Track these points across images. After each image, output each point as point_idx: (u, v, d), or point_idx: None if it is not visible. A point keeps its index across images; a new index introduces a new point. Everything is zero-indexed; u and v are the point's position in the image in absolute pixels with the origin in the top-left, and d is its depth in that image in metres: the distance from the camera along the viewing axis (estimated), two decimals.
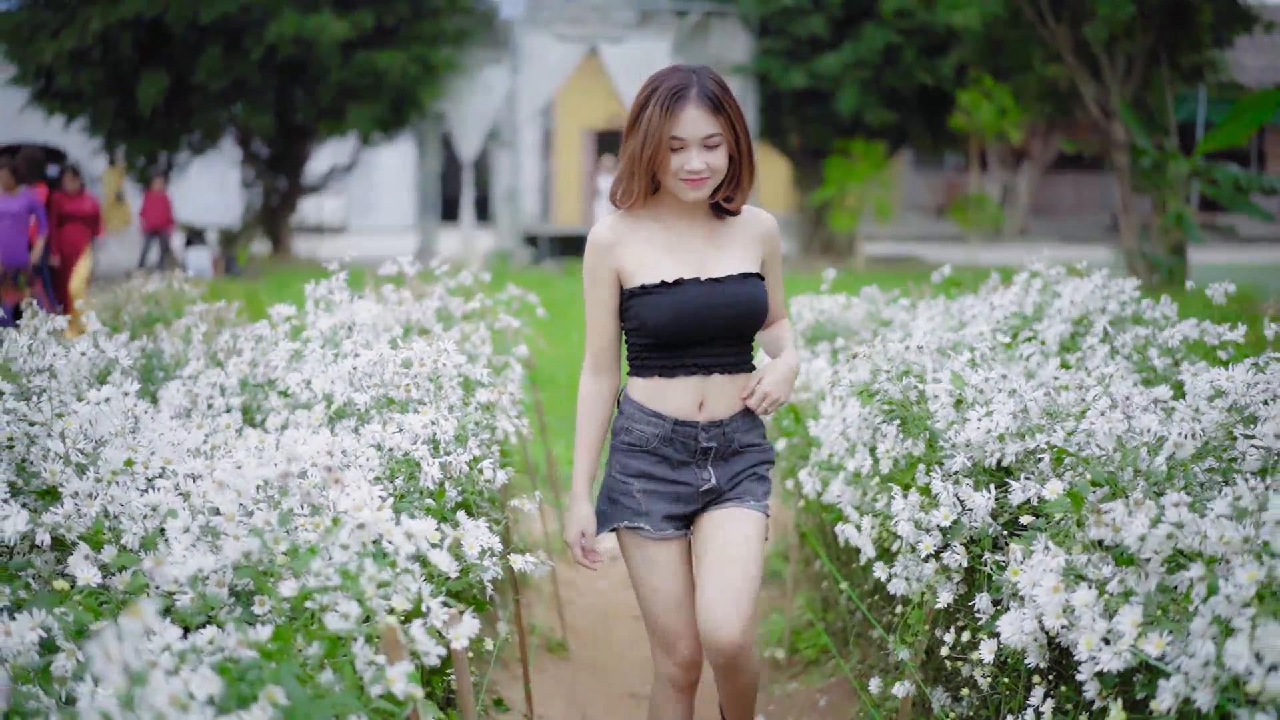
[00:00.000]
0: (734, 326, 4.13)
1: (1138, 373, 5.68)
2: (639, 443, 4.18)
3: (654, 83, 4.01)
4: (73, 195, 15.78)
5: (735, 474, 4.22)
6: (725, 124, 4.02)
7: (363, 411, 4.54)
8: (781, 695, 6.06)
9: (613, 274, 4.16)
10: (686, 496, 4.20)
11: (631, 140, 4.02)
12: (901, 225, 40.77)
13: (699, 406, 4.15)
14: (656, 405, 4.16)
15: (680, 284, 4.09)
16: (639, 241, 4.15)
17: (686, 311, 4.07)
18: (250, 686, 2.66)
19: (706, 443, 4.17)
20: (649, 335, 4.13)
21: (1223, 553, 3.13)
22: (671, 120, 3.95)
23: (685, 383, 4.14)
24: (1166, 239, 22.22)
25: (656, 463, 4.18)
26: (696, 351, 4.13)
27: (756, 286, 4.17)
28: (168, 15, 26.14)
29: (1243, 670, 2.58)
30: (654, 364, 4.16)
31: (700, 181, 4.04)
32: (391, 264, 6.63)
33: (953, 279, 7.60)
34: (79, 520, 3.53)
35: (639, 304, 4.11)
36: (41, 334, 5.48)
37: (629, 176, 4.08)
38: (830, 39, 29.84)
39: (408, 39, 28.13)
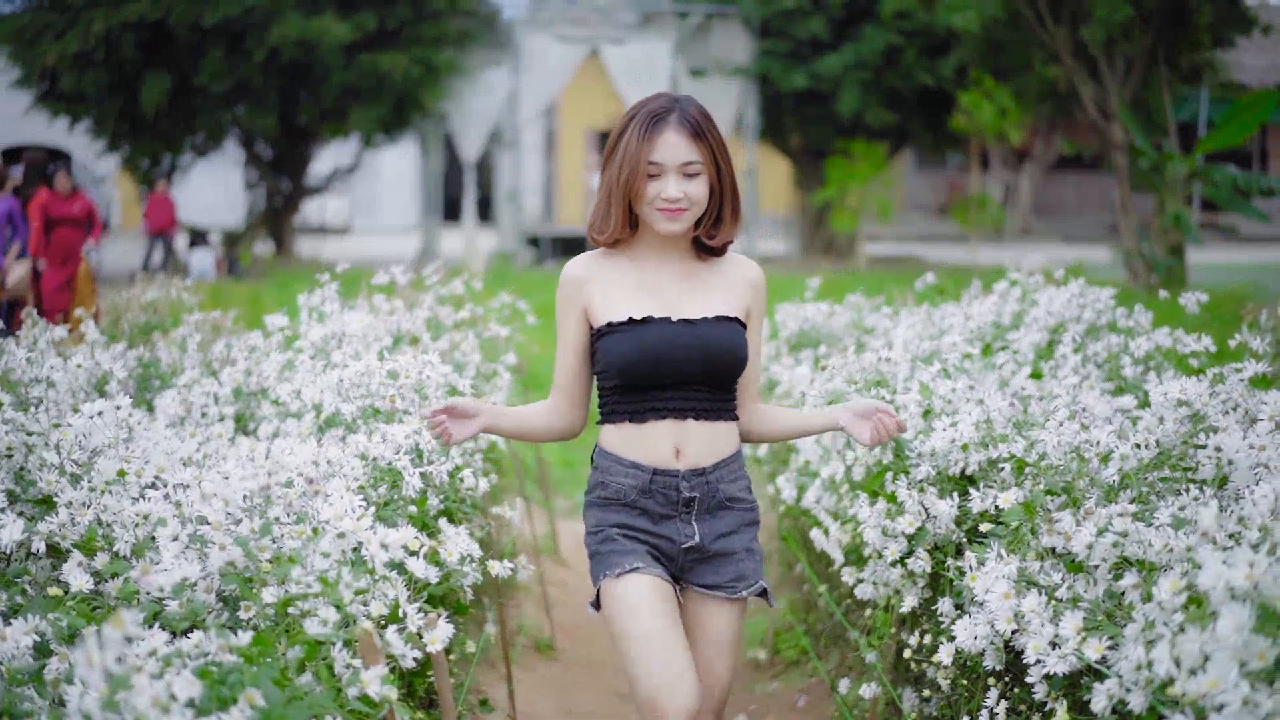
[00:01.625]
0: (707, 372, 3.81)
1: (1109, 381, 5.83)
2: (616, 496, 3.85)
3: (634, 109, 3.81)
4: (64, 197, 15.42)
5: (720, 535, 3.85)
6: (706, 153, 3.77)
7: (350, 422, 4.69)
8: (763, 694, 6.21)
9: (581, 312, 3.90)
10: (669, 553, 3.84)
11: (609, 167, 3.80)
12: (904, 225, 40.88)
13: (676, 454, 3.82)
14: (633, 454, 3.83)
15: (647, 322, 3.80)
16: (610, 279, 3.88)
17: (650, 350, 3.77)
18: (230, 689, 2.81)
19: (689, 492, 3.82)
20: (614, 377, 3.82)
21: (1166, 560, 3.29)
22: (649, 145, 3.74)
23: (658, 428, 3.82)
24: (1165, 239, 22.35)
25: (636, 516, 3.84)
26: (667, 395, 3.81)
27: (734, 332, 3.86)
28: (170, 17, 26.32)
29: (1163, 674, 2.72)
30: (622, 408, 3.85)
31: (677, 212, 3.77)
32: (384, 273, 6.77)
33: (937, 286, 7.73)
34: (73, 529, 3.67)
35: (604, 344, 3.84)
36: (41, 344, 5.63)
37: (605, 206, 3.83)
38: (831, 40, 29.99)
39: (410, 41, 28.29)
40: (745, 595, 3.89)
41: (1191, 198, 28.89)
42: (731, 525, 3.88)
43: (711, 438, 3.87)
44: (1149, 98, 23.05)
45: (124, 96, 27.36)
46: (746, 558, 3.90)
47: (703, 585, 3.86)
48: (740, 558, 3.88)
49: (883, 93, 29.88)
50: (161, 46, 27.09)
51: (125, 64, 26.85)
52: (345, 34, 26.82)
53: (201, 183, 36.05)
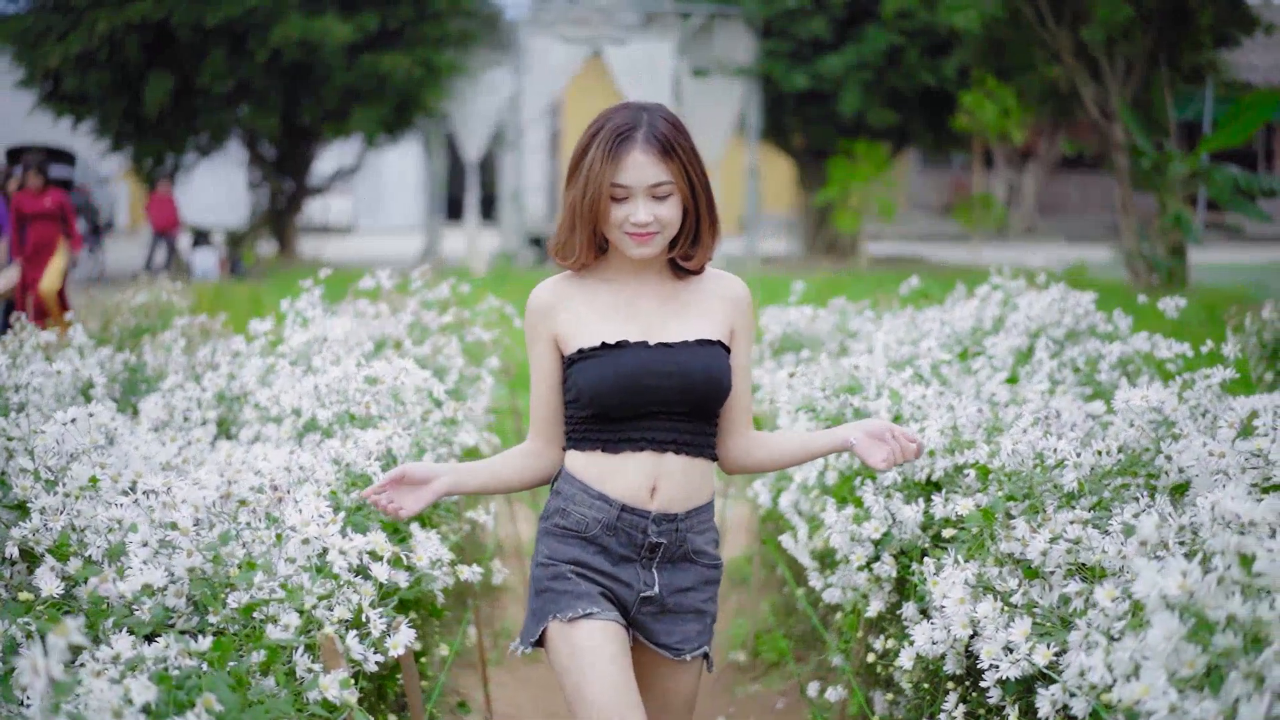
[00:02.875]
0: (686, 399, 3.52)
1: (1085, 386, 5.88)
2: (577, 528, 3.55)
3: (598, 122, 3.51)
4: (35, 194, 15.16)
5: (678, 590, 3.59)
6: (678, 170, 3.46)
7: (326, 427, 4.75)
8: (743, 697, 6.27)
9: (551, 340, 3.60)
10: (623, 599, 3.56)
11: (572, 187, 3.50)
12: (908, 224, 40.90)
13: (651, 492, 3.53)
14: (602, 485, 3.53)
15: (622, 346, 3.51)
16: (581, 303, 3.58)
17: (625, 376, 3.48)
18: (188, 694, 2.88)
19: (656, 537, 3.54)
20: (587, 405, 3.52)
21: (1120, 567, 3.35)
22: (614, 166, 3.43)
23: (634, 461, 3.52)
24: (1166, 239, 22.37)
25: (594, 553, 3.55)
26: (644, 425, 3.52)
27: (716, 356, 3.56)
28: (173, 18, 26.40)
29: (1097, 680, 2.78)
30: (595, 437, 3.55)
31: (647, 237, 3.48)
32: (369, 277, 6.83)
33: (921, 289, 7.78)
34: (46, 534, 3.72)
35: (576, 371, 3.54)
36: (26, 348, 5.70)
37: (569, 230, 3.53)
38: (833, 40, 30.03)
39: (412, 41, 28.36)
40: (689, 658, 3.62)
41: (1196, 198, 28.92)
42: (692, 581, 3.62)
43: (689, 478, 3.57)
44: (1151, 98, 23.08)
45: (127, 97, 27.45)
46: (695, 620, 3.63)
47: (652, 643, 3.60)
48: (689, 620, 3.62)
49: (885, 93, 29.92)
50: (164, 47, 27.16)
51: (128, 65, 26.92)
52: (347, 34, 26.89)
53: (205, 183, 36.16)
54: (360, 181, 41.53)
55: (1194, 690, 2.60)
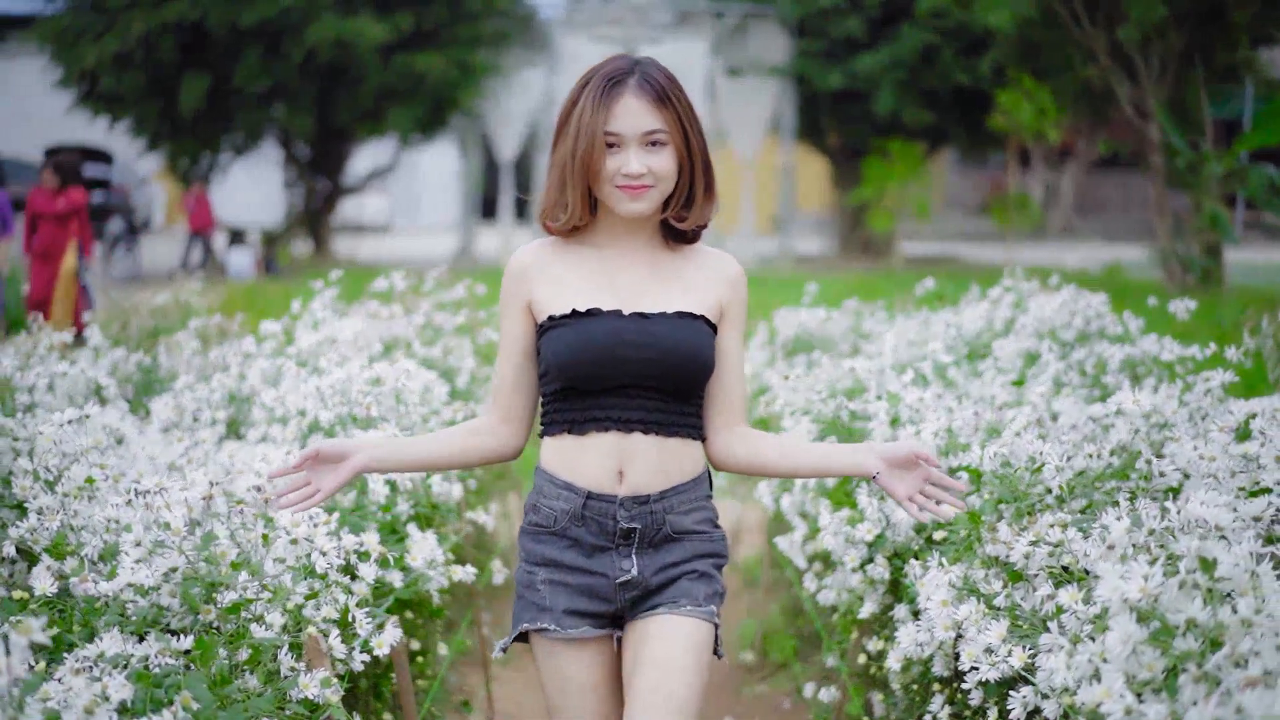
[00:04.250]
0: (660, 374, 3.28)
1: (1093, 389, 5.88)
2: (546, 522, 3.34)
3: (589, 73, 3.31)
4: (50, 194, 14.76)
5: (666, 566, 3.34)
6: (672, 120, 3.25)
7: (328, 428, 4.80)
8: (750, 697, 6.29)
9: (524, 307, 3.37)
10: (602, 591, 3.33)
11: (561, 143, 3.30)
12: (945, 223, 40.82)
13: (618, 476, 3.30)
14: (568, 474, 3.32)
15: (594, 314, 3.28)
16: (561, 269, 3.36)
17: (592, 345, 3.25)
18: (167, 692, 2.93)
19: (627, 523, 3.30)
20: (555, 379, 3.31)
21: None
22: (605, 113, 3.22)
23: (599, 442, 3.29)
24: (1201, 239, 22.27)
25: (566, 547, 3.33)
26: (610, 402, 3.29)
27: (697, 332, 3.32)
28: (208, 19, 26.55)
29: (1060, 684, 2.80)
30: (562, 417, 3.34)
31: (640, 189, 3.25)
32: (383, 279, 6.89)
33: (936, 292, 7.79)
34: (44, 533, 3.78)
35: (545, 340, 3.31)
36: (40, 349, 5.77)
37: (558, 188, 3.30)
38: (867, 39, 30.01)
39: (446, 42, 28.45)
40: (689, 612, 3.32)
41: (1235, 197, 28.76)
42: (681, 556, 3.36)
43: (662, 457, 3.32)
44: (1187, 97, 22.97)
45: (163, 97, 27.62)
46: (695, 582, 3.36)
47: (646, 609, 3.34)
48: (687, 578, 3.35)
49: (920, 92, 29.87)
50: (200, 48, 27.32)
51: (164, 65, 27.09)
52: (382, 35, 26.99)
53: (241, 182, 36.33)
54: (397, 181, 41.68)
55: (1153, 694, 2.62)
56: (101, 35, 26.91)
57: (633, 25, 30.08)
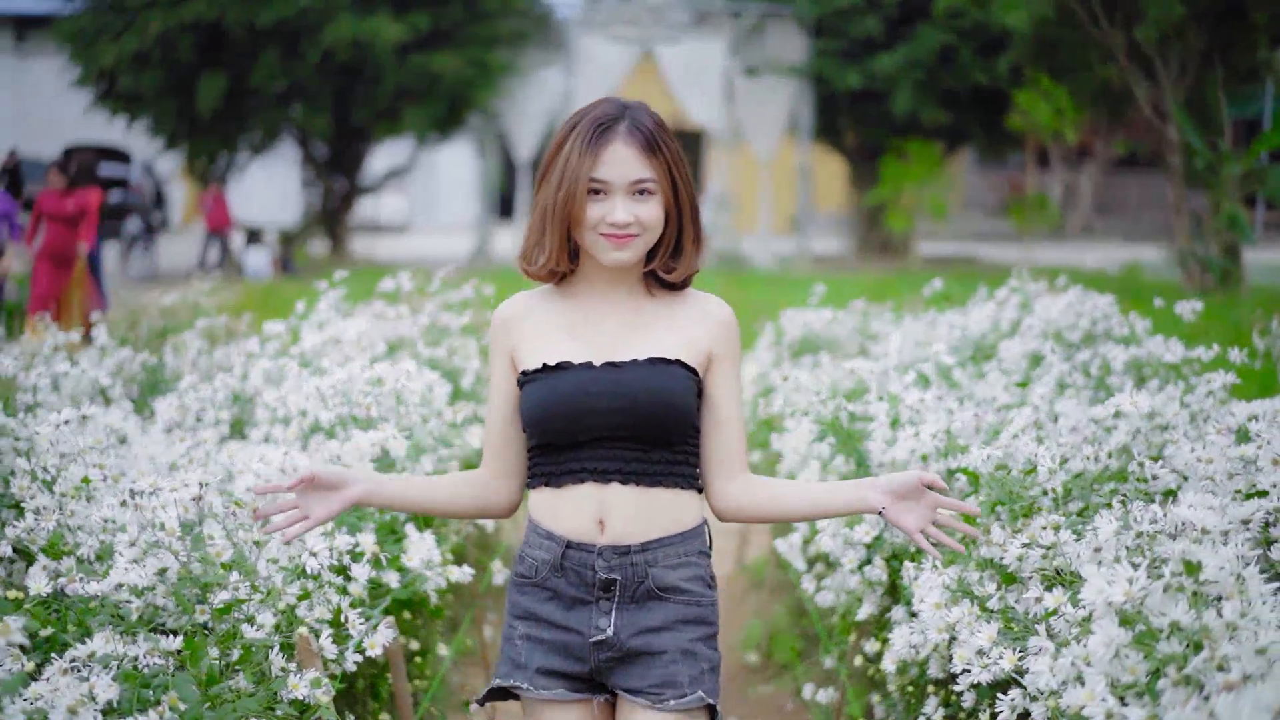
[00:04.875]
0: (634, 423, 3.15)
1: (1099, 390, 5.86)
2: (528, 573, 3.23)
3: (577, 116, 3.21)
4: (57, 195, 14.48)
5: (645, 631, 3.16)
6: (661, 169, 3.15)
7: (329, 429, 4.81)
8: (754, 698, 6.29)
9: (508, 359, 3.28)
10: (576, 650, 3.18)
11: (545, 186, 3.18)
12: (964, 223, 40.74)
13: (599, 526, 3.17)
14: (549, 523, 3.21)
15: (563, 368, 3.18)
16: (541, 320, 3.26)
17: (559, 400, 3.15)
18: (155, 692, 2.94)
19: (605, 573, 3.16)
20: (531, 434, 3.23)
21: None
22: (592, 159, 3.11)
23: (576, 494, 3.17)
24: (1220, 240, 22.20)
25: (546, 599, 3.21)
26: (585, 454, 3.17)
27: (671, 376, 3.18)
28: (226, 19, 26.62)
29: (1043, 686, 2.80)
30: (543, 471, 3.22)
31: (625, 239, 3.14)
32: (389, 280, 6.90)
33: (944, 293, 7.78)
34: (41, 533, 3.79)
35: (522, 397, 3.23)
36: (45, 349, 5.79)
37: (539, 232, 3.19)
38: (885, 39, 29.96)
39: (463, 41, 28.47)
40: (675, 706, 3.14)
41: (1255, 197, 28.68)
42: (663, 620, 3.17)
43: (644, 508, 3.17)
44: (1206, 97, 22.90)
45: (180, 97, 27.69)
46: (681, 660, 3.17)
47: (626, 689, 3.18)
48: (670, 659, 3.16)
49: (937, 92, 29.81)
50: (217, 47, 27.38)
51: (182, 65, 27.15)
52: (399, 35, 27.03)
53: (259, 182, 36.44)
54: (414, 180, 41.74)
55: (1135, 697, 2.62)
56: (120, 35, 27.00)
57: (650, 25, 30.07)
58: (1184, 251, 22.56)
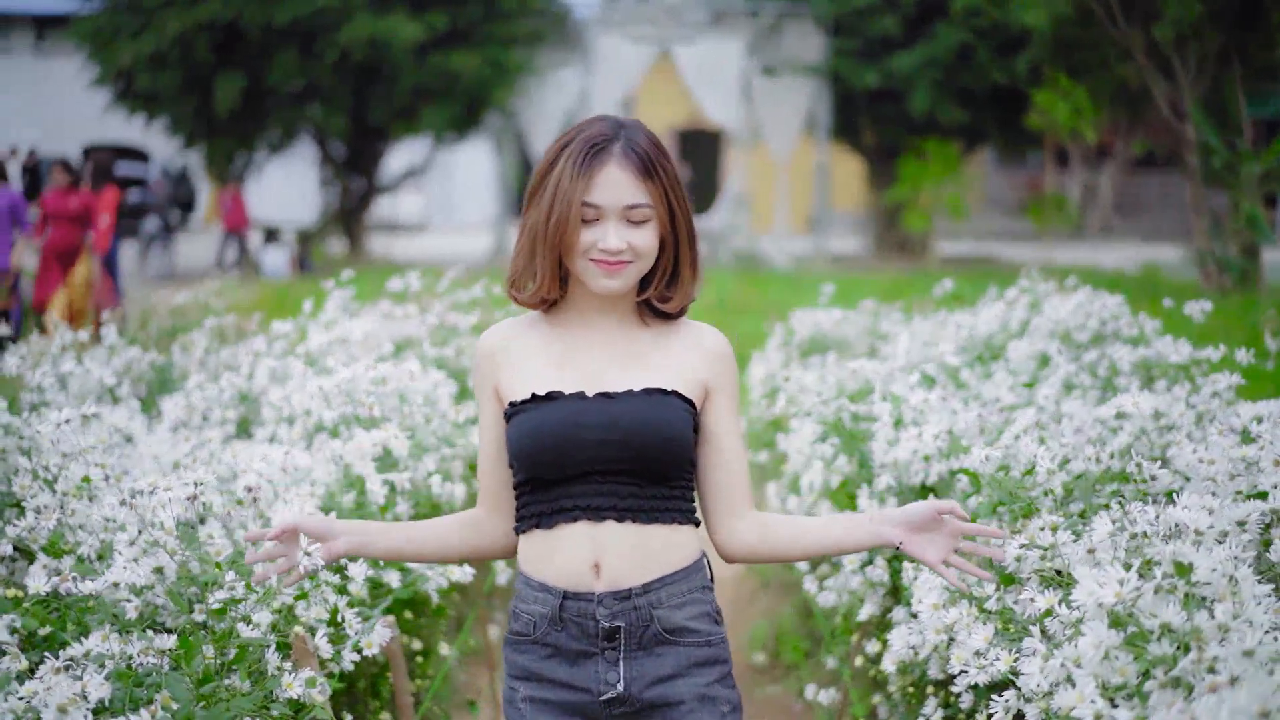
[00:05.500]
0: (628, 457, 2.98)
1: (1106, 391, 5.85)
2: (525, 630, 3.03)
3: (569, 135, 3.04)
4: (61, 193, 14.42)
5: (659, 680, 2.98)
6: (657, 194, 2.99)
7: (332, 428, 4.82)
8: (761, 698, 6.29)
9: (493, 391, 3.11)
10: (588, 710, 2.99)
11: (534, 208, 3.02)
12: (984, 222, 40.64)
13: (594, 570, 2.98)
14: (542, 573, 3.01)
15: (553, 398, 3.00)
16: (527, 350, 3.09)
17: (549, 431, 2.97)
18: (148, 691, 2.95)
19: (609, 621, 2.97)
20: (518, 469, 3.04)
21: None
22: (585, 182, 2.96)
23: (569, 534, 2.98)
24: (1238, 239, 22.13)
25: (547, 656, 3.01)
26: (577, 490, 2.99)
27: (667, 407, 3.02)
28: (242, 18, 26.69)
29: (1034, 687, 2.79)
30: (533, 511, 3.04)
31: (618, 267, 2.98)
32: (397, 280, 6.91)
33: (954, 293, 7.77)
34: (41, 532, 3.80)
35: (509, 429, 3.05)
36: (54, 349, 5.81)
37: (528, 256, 3.04)
38: (903, 39, 29.90)
39: (481, 41, 28.49)
40: None
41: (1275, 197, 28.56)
42: (675, 666, 3.00)
43: (642, 546, 2.99)
44: (1224, 96, 22.83)
45: (198, 96, 27.76)
46: (700, 708, 3.01)
47: None
48: (689, 709, 3.00)
49: (956, 91, 29.75)
50: (234, 47, 27.45)
51: (199, 64, 27.22)
52: (416, 34, 27.06)
53: (277, 181, 36.51)
54: (433, 180, 41.78)
55: (1125, 699, 2.61)
56: (137, 34, 27.08)
57: (667, 24, 30.06)
58: (1202, 252, 22.51)
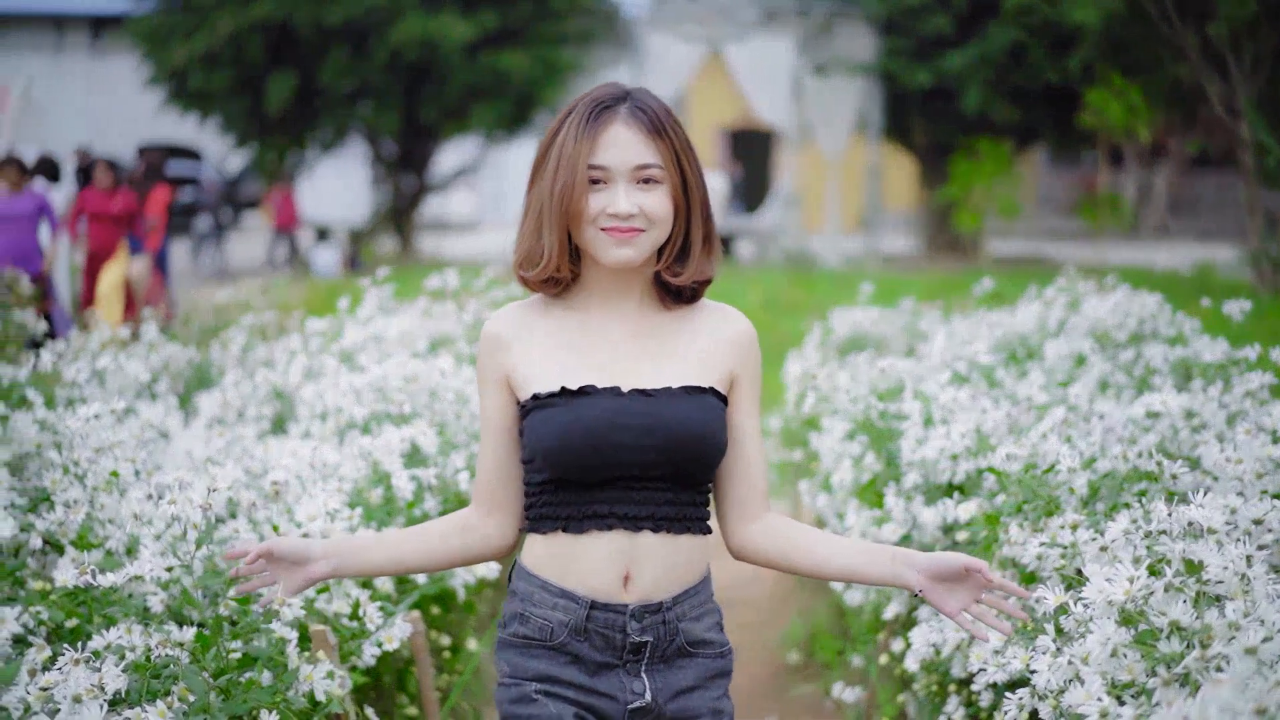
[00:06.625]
0: (667, 462, 2.80)
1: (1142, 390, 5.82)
2: (539, 635, 2.84)
3: (573, 102, 2.88)
4: (103, 194, 14.22)
5: (680, 693, 2.87)
6: (668, 155, 2.80)
7: (363, 424, 4.85)
8: (794, 698, 6.29)
9: (502, 383, 2.88)
10: (611, 714, 2.85)
11: (539, 179, 2.86)
12: (1038, 221, 40.45)
13: (624, 581, 2.82)
14: (564, 579, 2.82)
15: (586, 393, 2.79)
16: (540, 337, 2.87)
17: (584, 431, 2.77)
18: (164, 683, 2.98)
19: (639, 635, 2.82)
20: (542, 468, 2.82)
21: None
22: (590, 144, 2.78)
23: (601, 543, 2.80)
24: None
25: (565, 664, 2.84)
26: (612, 495, 2.80)
27: (708, 408, 2.84)
28: (294, 18, 26.87)
29: (1043, 685, 2.80)
30: (555, 513, 2.83)
31: (629, 234, 2.78)
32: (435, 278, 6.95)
33: (996, 293, 7.75)
34: (71, 525, 3.84)
35: (530, 424, 2.82)
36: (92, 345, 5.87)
37: (534, 232, 2.84)
38: (955, 37, 29.78)
39: (531, 40, 28.59)
40: None
41: None
42: (695, 678, 2.89)
43: (673, 560, 2.84)
44: (1278, 95, 22.65)
45: (250, 95, 27.99)
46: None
47: None
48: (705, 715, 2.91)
49: (1008, 89, 29.61)
50: (286, 47, 27.65)
51: (251, 64, 27.45)
52: (466, 33, 27.17)
53: (329, 180, 36.70)
54: (484, 178, 41.87)
55: (1133, 698, 2.61)
56: (190, 34, 27.34)
57: (718, 23, 30.03)
58: (1256, 252, 22.34)
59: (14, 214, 13.47)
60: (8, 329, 7.61)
